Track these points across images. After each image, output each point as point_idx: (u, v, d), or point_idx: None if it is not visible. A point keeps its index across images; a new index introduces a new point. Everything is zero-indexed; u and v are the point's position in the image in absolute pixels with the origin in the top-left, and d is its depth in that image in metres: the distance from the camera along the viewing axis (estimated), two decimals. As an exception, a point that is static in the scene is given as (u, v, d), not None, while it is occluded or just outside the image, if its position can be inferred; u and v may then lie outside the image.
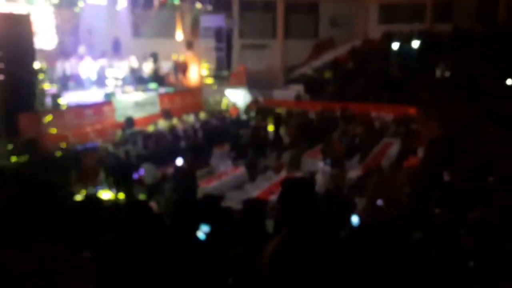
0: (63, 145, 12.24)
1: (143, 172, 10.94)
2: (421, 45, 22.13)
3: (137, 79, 17.39)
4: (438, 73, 20.81)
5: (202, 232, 3.83)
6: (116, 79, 16.44)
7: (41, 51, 14.60)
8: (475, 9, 23.91)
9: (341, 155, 11.63)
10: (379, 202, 7.23)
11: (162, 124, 15.80)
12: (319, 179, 9.93)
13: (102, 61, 16.35)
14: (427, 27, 24.34)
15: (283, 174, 11.39)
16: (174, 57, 19.32)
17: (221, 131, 15.50)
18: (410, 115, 17.60)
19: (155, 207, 6.63)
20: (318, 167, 10.89)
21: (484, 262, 3.94)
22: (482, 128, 11.20)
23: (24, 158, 10.86)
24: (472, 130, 11.07)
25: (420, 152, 11.69)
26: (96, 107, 14.65)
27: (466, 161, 8.20)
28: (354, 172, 10.81)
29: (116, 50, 18.05)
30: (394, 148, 13.52)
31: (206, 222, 3.96)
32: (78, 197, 7.08)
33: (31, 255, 2.45)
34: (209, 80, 20.43)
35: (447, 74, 20.55)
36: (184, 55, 19.89)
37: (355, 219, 5.30)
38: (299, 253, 2.65)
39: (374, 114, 18.43)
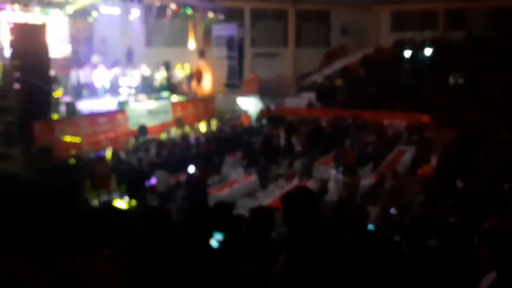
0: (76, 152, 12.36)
1: (155, 180, 10.99)
2: (434, 52, 22.00)
3: (150, 88, 17.55)
4: (452, 80, 20.66)
5: (215, 240, 3.81)
6: (130, 87, 16.60)
7: (56, 60, 14.82)
8: (488, 16, 23.75)
9: (354, 163, 11.59)
10: (393, 210, 7.18)
11: (175, 132, 15.90)
12: (332, 187, 9.90)
13: (116, 70, 16.53)
14: (439, 34, 24.22)
15: (295, 182, 11.36)
16: (186, 71, 19.39)
17: (233, 139, 15.53)
18: (423, 122, 17.49)
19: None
20: (331, 175, 10.87)
21: (500, 272, 3.87)
22: (496, 135, 11.09)
23: (38, 165, 10.98)
24: (487, 137, 10.96)
25: (434, 160, 11.60)
26: (110, 115, 14.80)
27: (481, 168, 8.11)
28: (367, 180, 10.74)
29: (130, 59, 18.24)
30: (407, 156, 13.43)
31: (218, 229, 3.95)
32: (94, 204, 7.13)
33: (53, 264, 2.46)
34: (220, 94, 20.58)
35: (461, 81, 20.39)
36: (196, 64, 20.07)
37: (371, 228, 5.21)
38: (306, 270, 2.62)
39: (386, 122, 18.35)
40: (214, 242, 3.81)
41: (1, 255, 2.48)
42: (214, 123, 17.84)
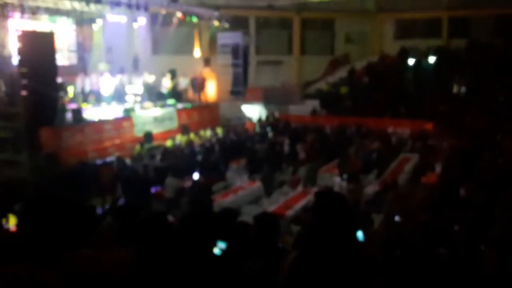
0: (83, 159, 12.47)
1: (154, 190, 11.01)
2: (438, 60, 22.06)
3: (155, 95, 17.68)
4: (456, 88, 20.68)
5: (218, 248, 3.82)
6: (135, 95, 16.72)
7: (63, 67, 14.98)
8: (491, 24, 23.80)
9: (358, 170, 11.61)
10: (397, 217, 7.19)
11: (180, 139, 15.99)
12: (336, 194, 9.90)
13: (122, 77, 16.67)
14: (443, 42, 24.29)
15: (300, 189, 11.39)
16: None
17: (238, 146, 15.57)
18: (427, 130, 17.50)
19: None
20: (335, 182, 10.90)
21: (507, 279, 3.89)
22: (500, 142, 11.10)
23: (45, 172, 11.07)
24: (490, 144, 10.97)
25: (438, 168, 11.62)
26: (116, 122, 14.91)
27: (485, 175, 8.12)
28: (371, 188, 10.75)
29: (136, 66, 18.40)
30: (411, 164, 13.43)
31: (222, 236, 3.98)
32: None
33: (59, 266, 2.51)
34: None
35: (464, 89, 20.41)
36: (201, 72, 20.23)
37: (360, 235, 5.17)
38: (315, 270, 2.63)
39: (390, 129, 18.36)
40: (217, 251, 3.83)
41: (6, 263, 2.53)
42: (219, 130, 17.93)
